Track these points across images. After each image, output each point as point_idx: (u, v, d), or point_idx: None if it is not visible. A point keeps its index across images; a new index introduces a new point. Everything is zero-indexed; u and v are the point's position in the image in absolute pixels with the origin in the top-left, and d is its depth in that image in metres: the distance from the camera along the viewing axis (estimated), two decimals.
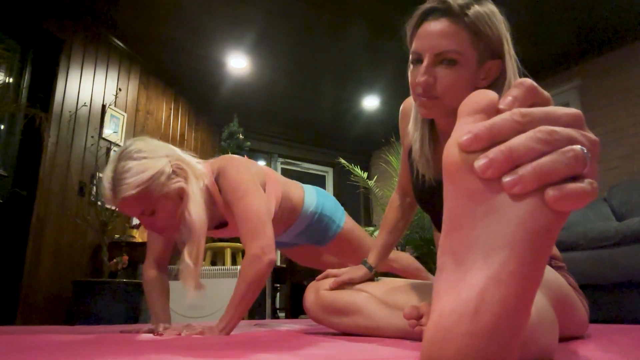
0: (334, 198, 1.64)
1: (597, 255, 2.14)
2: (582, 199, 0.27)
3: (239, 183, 1.18)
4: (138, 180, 1.06)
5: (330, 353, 0.70)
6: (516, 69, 0.85)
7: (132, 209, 1.11)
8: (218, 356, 0.63)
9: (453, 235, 0.32)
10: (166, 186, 1.11)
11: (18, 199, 2.70)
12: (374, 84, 4.29)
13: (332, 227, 1.55)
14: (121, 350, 0.73)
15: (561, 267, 0.91)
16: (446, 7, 0.82)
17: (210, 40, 3.52)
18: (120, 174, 1.07)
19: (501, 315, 0.28)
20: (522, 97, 0.30)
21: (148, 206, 1.10)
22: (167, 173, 1.11)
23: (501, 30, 0.83)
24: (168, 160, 1.13)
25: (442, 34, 0.82)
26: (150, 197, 1.09)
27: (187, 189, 1.14)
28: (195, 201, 1.14)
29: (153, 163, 1.09)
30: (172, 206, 1.13)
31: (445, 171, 0.32)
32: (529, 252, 0.28)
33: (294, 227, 1.51)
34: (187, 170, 1.16)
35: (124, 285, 2.61)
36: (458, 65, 0.83)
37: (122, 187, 1.05)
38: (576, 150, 0.28)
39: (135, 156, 1.09)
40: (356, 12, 3.20)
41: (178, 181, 1.13)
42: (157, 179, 1.09)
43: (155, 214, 1.12)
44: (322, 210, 1.52)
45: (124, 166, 1.07)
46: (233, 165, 1.21)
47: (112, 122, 3.41)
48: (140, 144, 1.13)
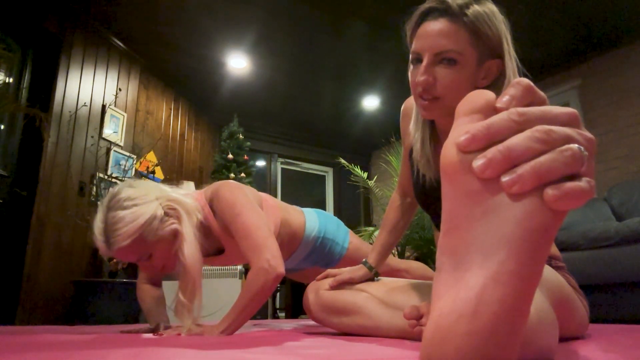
0: (336, 218, 1.61)
1: (597, 255, 2.14)
2: (580, 198, 0.27)
3: (234, 201, 1.15)
4: (130, 230, 1.03)
5: (330, 353, 0.70)
6: (516, 68, 0.85)
7: (128, 257, 1.10)
8: (218, 356, 0.63)
9: (452, 235, 0.32)
10: (160, 229, 1.09)
11: (18, 199, 2.70)
12: (374, 84, 4.29)
13: (336, 249, 1.52)
14: (121, 350, 0.73)
15: (561, 267, 0.91)
16: (445, 7, 0.82)
17: (210, 40, 3.52)
18: (111, 225, 1.04)
19: (500, 315, 0.28)
20: (520, 96, 0.31)
21: (144, 252, 1.09)
22: (159, 217, 1.09)
23: (501, 29, 0.83)
24: (159, 203, 1.11)
25: (441, 33, 0.82)
26: (145, 243, 1.07)
27: (180, 229, 1.12)
28: (189, 241, 1.11)
29: (144, 209, 1.07)
30: (168, 247, 1.12)
31: (443, 171, 0.32)
32: (527, 252, 0.28)
33: (297, 253, 1.48)
34: (179, 209, 1.14)
35: (124, 285, 2.61)
36: (458, 65, 0.82)
37: (115, 238, 1.03)
38: (574, 149, 0.28)
39: (125, 205, 1.06)
40: (356, 12, 3.20)
41: (171, 223, 1.12)
42: (149, 225, 1.07)
43: (152, 257, 1.12)
44: (325, 234, 1.49)
45: (114, 216, 1.04)
46: (226, 188, 1.19)
47: (112, 122, 3.41)
48: (129, 191, 1.09)
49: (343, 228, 1.58)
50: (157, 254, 1.11)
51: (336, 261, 1.53)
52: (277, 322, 2.50)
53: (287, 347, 0.79)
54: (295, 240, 1.43)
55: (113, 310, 2.51)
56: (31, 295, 2.65)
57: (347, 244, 1.54)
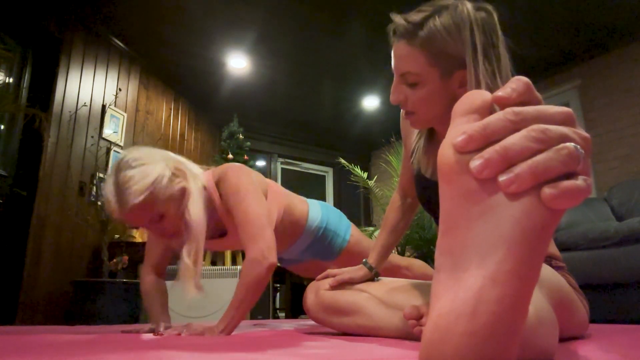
0: (339, 211, 1.62)
1: (597, 255, 2.14)
2: (577, 196, 0.27)
3: (239, 187, 1.17)
4: (142, 187, 1.05)
5: (330, 353, 0.70)
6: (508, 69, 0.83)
7: (140, 218, 1.10)
8: (218, 356, 0.63)
9: (450, 235, 0.32)
10: (169, 188, 1.10)
11: (18, 199, 2.70)
12: (374, 84, 4.29)
13: (337, 241, 1.53)
14: (121, 350, 0.73)
15: (561, 267, 0.91)
16: (402, 29, 0.84)
17: (210, 40, 3.52)
18: (123, 185, 1.05)
19: (499, 314, 0.29)
20: (521, 89, 0.31)
21: (155, 212, 1.09)
22: (167, 176, 1.10)
23: (465, 39, 0.79)
24: (165, 164, 1.12)
25: (400, 56, 0.86)
26: (157, 201, 1.08)
27: (187, 187, 1.14)
28: (195, 200, 1.13)
29: (152, 168, 1.09)
30: (178, 206, 1.12)
31: (440, 172, 0.32)
32: (525, 251, 0.29)
33: (298, 243, 1.49)
34: (185, 171, 1.16)
35: (124, 285, 2.61)
36: (420, 85, 0.85)
37: (128, 196, 1.04)
38: (570, 148, 0.28)
39: (134, 164, 1.08)
40: (356, 12, 3.20)
41: (179, 181, 1.13)
42: (160, 182, 1.08)
43: (163, 219, 1.11)
44: (327, 225, 1.50)
45: (125, 176, 1.06)
46: (234, 172, 1.20)
47: (112, 122, 3.41)
48: (135, 153, 1.11)
49: (345, 221, 1.59)
50: (168, 214, 1.11)
51: (336, 254, 1.54)
52: (277, 322, 2.50)
53: (287, 347, 0.79)
54: (297, 228, 1.44)
55: (113, 310, 2.51)
56: (31, 295, 2.65)
57: (349, 237, 1.54)
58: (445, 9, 0.81)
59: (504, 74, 0.80)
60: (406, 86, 0.87)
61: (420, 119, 0.91)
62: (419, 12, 0.83)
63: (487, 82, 0.79)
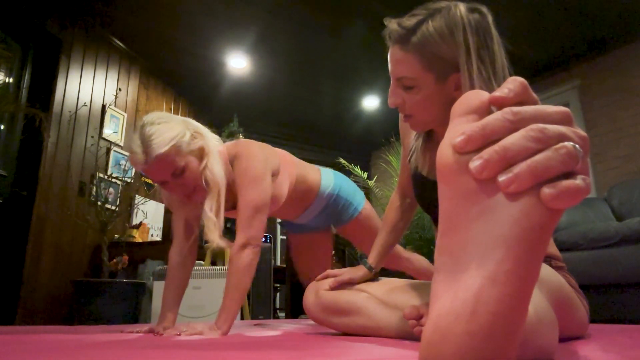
0: (355, 185, 1.71)
1: (597, 255, 2.14)
2: (577, 196, 0.27)
3: (247, 170, 1.24)
4: (167, 138, 1.13)
5: (330, 353, 0.70)
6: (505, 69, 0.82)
7: (164, 170, 1.16)
8: (218, 356, 0.63)
9: (449, 236, 0.32)
10: (191, 144, 1.19)
11: (18, 199, 2.70)
12: (374, 84, 4.29)
13: (349, 209, 1.61)
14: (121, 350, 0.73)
15: (561, 267, 0.91)
16: (396, 33, 0.84)
17: (210, 40, 3.52)
18: (148, 137, 1.13)
19: (498, 314, 0.29)
20: (518, 89, 0.31)
21: (178, 165, 1.16)
22: (189, 133, 1.19)
23: (459, 42, 0.79)
24: (185, 126, 1.21)
25: (395, 60, 0.87)
26: (180, 154, 1.16)
27: (207, 147, 1.22)
28: (215, 158, 1.22)
29: (175, 125, 1.18)
30: (198, 165, 1.20)
31: (439, 172, 0.32)
32: (524, 251, 0.29)
33: (312, 208, 1.58)
34: (204, 134, 1.25)
35: (124, 285, 2.61)
36: (415, 89, 0.86)
37: (153, 146, 1.11)
38: (568, 147, 0.28)
39: (157, 121, 1.16)
40: (356, 12, 3.20)
41: (199, 141, 1.21)
42: (182, 137, 1.17)
43: (184, 173, 1.18)
44: (339, 192, 1.59)
45: (149, 130, 1.14)
46: (247, 153, 1.27)
47: (112, 122, 3.41)
48: (158, 113, 1.21)
49: (360, 194, 1.69)
50: (189, 169, 1.18)
51: (346, 221, 1.63)
52: (277, 322, 2.50)
53: (287, 347, 0.79)
54: (310, 194, 1.54)
55: (113, 310, 2.51)
56: (31, 295, 2.65)
57: (361, 208, 1.63)
58: (439, 12, 0.81)
59: (499, 76, 0.80)
60: (403, 90, 0.88)
61: (418, 121, 0.92)
62: (412, 16, 0.83)
63: (482, 85, 0.78)
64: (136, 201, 3.29)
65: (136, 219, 3.42)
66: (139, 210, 3.38)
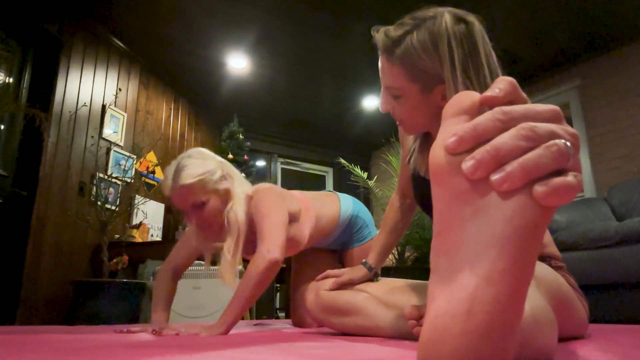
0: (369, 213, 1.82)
1: (597, 255, 2.14)
2: (569, 193, 0.28)
3: (264, 206, 1.30)
4: (195, 172, 1.23)
5: (330, 353, 0.70)
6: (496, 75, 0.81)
7: (186, 199, 1.25)
8: (217, 355, 0.63)
9: (443, 236, 0.32)
10: (218, 183, 1.27)
11: (18, 199, 2.70)
12: (374, 84, 4.29)
13: (364, 231, 1.72)
14: (120, 350, 0.73)
15: (561, 267, 0.91)
16: (382, 44, 0.85)
17: (210, 40, 3.52)
18: (181, 168, 1.24)
19: (494, 313, 0.29)
20: (508, 89, 0.31)
21: (199, 198, 1.24)
22: (219, 174, 1.28)
23: (443, 54, 0.78)
24: (221, 166, 1.31)
25: (382, 70, 0.88)
26: (204, 189, 1.25)
27: (233, 191, 1.31)
28: (240, 203, 1.30)
29: (209, 162, 1.28)
30: (220, 204, 1.28)
31: (432, 174, 0.33)
32: (518, 249, 0.29)
33: (335, 233, 1.67)
34: (235, 178, 1.34)
35: (124, 285, 2.61)
36: (402, 98, 0.88)
37: (182, 176, 1.22)
38: (559, 145, 0.28)
39: (195, 156, 1.28)
40: (356, 12, 3.20)
41: (227, 183, 1.30)
42: (212, 175, 1.26)
43: (203, 207, 1.25)
44: (359, 213, 1.70)
45: (185, 162, 1.25)
46: (265, 192, 1.35)
47: (112, 122, 3.41)
48: (200, 150, 1.33)
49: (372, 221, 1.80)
50: (209, 206, 1.26)
51: (357, 244, 1.72)
52: (277, 322, 2.50)
53: (287, 347, 0.79)
54: (331, 225, 1.63)
55: (113, 310, 2.51)
56: (31, 295, 2.65)
57: (374, 234, 1.71)
58: (424, 22, 0.80)
59: (484, 86, 0.78)
60: (392, 98, 0.90)
61: (409, 127, 0.94)
62: (399, 25, 0.83)
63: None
64: (136, 201, 3.28)
65: (136, 219, 3.42)
66: (139, 210, 3.38)
